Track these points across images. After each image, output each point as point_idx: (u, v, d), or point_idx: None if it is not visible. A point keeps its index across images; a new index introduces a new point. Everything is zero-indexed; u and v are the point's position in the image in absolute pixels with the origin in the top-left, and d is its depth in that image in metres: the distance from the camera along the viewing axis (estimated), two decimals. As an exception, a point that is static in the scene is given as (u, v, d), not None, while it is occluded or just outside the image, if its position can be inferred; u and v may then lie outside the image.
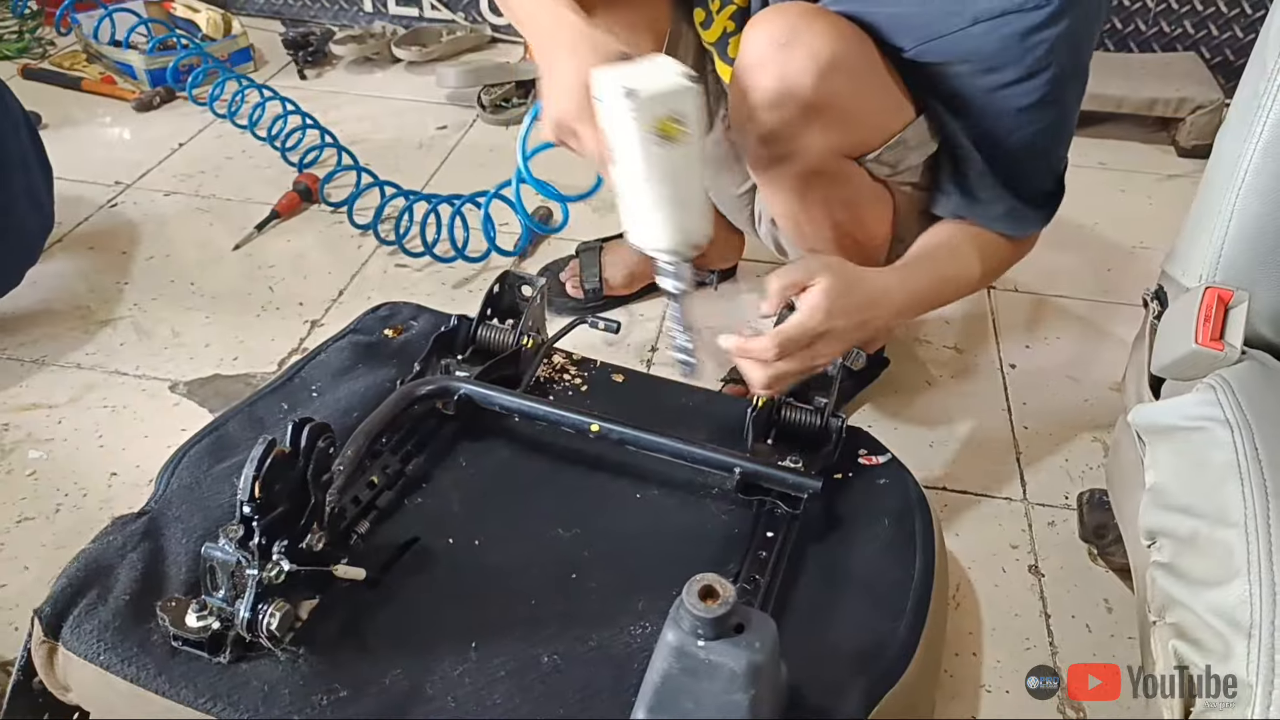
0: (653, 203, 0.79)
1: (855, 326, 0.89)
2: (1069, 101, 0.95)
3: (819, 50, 0.89)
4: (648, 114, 0.74)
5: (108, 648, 0.70)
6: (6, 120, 1.30)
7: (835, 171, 0.98)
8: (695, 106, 0.76)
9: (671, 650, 0.63)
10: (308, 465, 0.70)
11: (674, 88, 0.75)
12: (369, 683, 0.70)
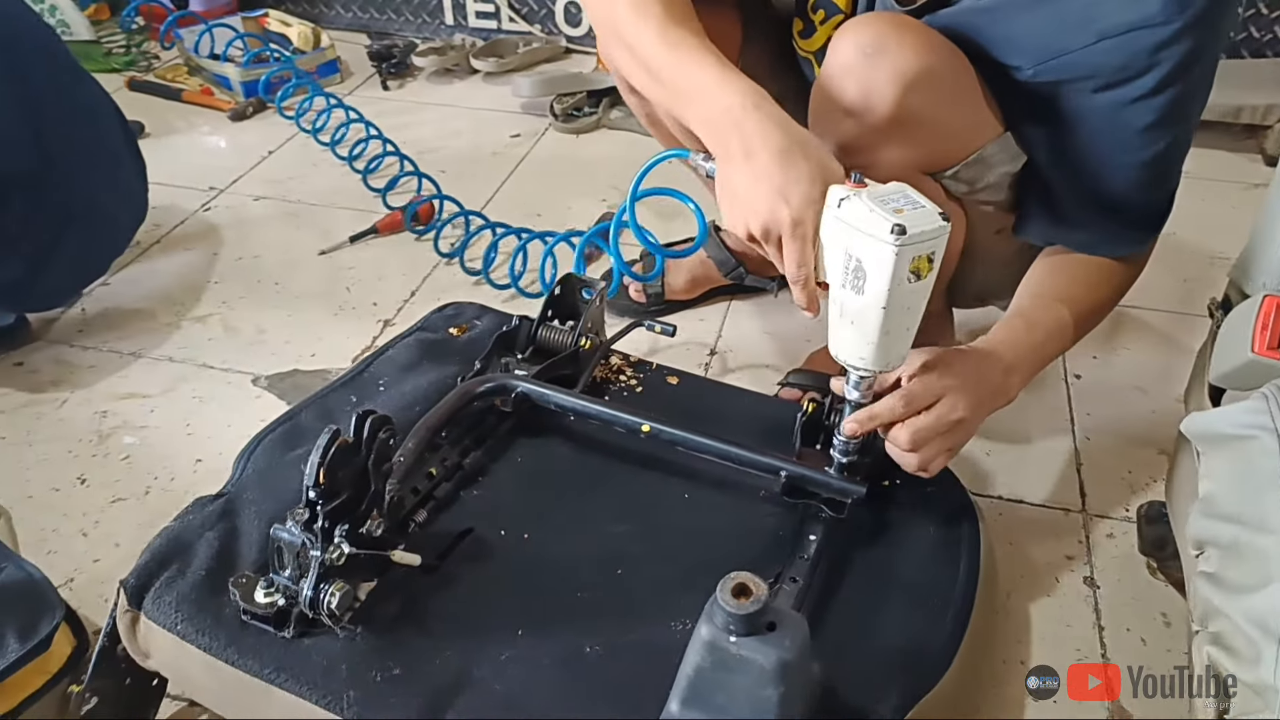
0: (880, 329, 0.77)
1: (974, 381, 0.87)
2: (1192, 117, 0.93)
3: (906, 63, 0.89)
4: (910, 254, 0.73)
5: (184, 618, 0.75)
6: (98, 116, 1.39)
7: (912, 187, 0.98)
8: (944, 243, 0.75)
9: (704, 645, 0.65)
10: (369, 455, 0.75)
11: (934, 230, 0.73)
12: (421, 662, 0.74)
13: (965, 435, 0.87)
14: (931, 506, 0.92)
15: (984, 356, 0.91)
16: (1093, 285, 1.00)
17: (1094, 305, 1.00)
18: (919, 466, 0.86)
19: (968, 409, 0.85)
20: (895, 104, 0.89)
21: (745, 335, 1.39)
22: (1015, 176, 1.00)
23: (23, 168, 1.21)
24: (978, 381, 0.88)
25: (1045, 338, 0.95)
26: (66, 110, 1.29)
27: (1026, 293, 1.00)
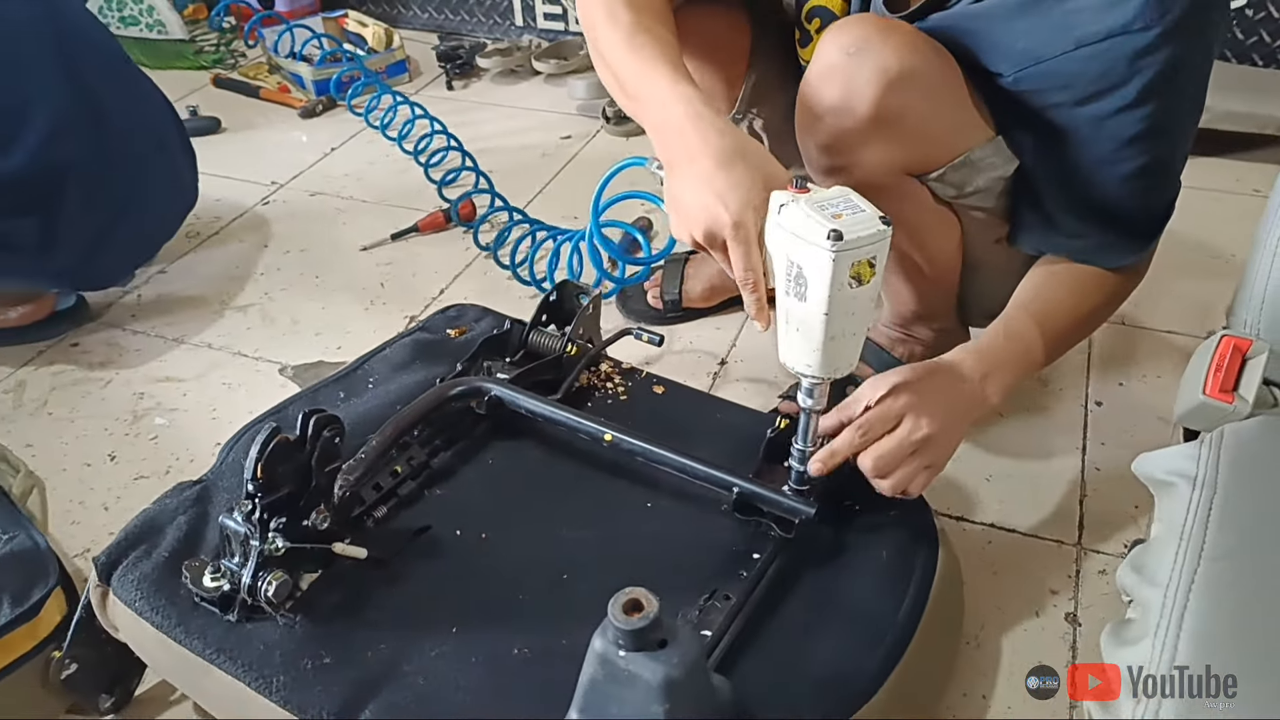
0: (824, 336, 0.77)
1: (937, 395, 0.86)
2: (1183, 127, 0.90)
3: (888, 63, 0.88)
4: (847, 260, 0.73)
5: (142, 596, 0.81)
6: (151, 109, 1.48)
7: (894, 188, 0.97)
8: (886, 249, 0.75)
9: (597, 657, 0.66)
10: (313, 452, 0.78)
11: (874, 235, 0.73)
12: (352, 653, 0.78)
13: (941, 450, 0.86)
14: (891, 532, 0.91)
15: (950, 368, 0.89)
16: (1084, 294, 0.97)
17: (1084, 314, 0.98)
18: (894, 490, 0.86)
19: (934, 425, 0.84)
20: (876, 103, 0.89)
21: (757, 347, 1.39)
22: (1008, 182, 0.97)
23: (82, 159, 1.31)
24: (943, 394, 0.86)
25: (1026, 346, 0.93)
26: (122, 104, 1.39)
27: (1014, 300, 0.98)
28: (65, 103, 1.28)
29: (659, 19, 0.90)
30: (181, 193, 1.52)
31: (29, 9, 1.30)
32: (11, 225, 1.28)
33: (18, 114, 1.25)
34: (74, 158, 1.30)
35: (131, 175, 1.39)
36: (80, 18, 1.41)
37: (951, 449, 0.89)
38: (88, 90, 1.32)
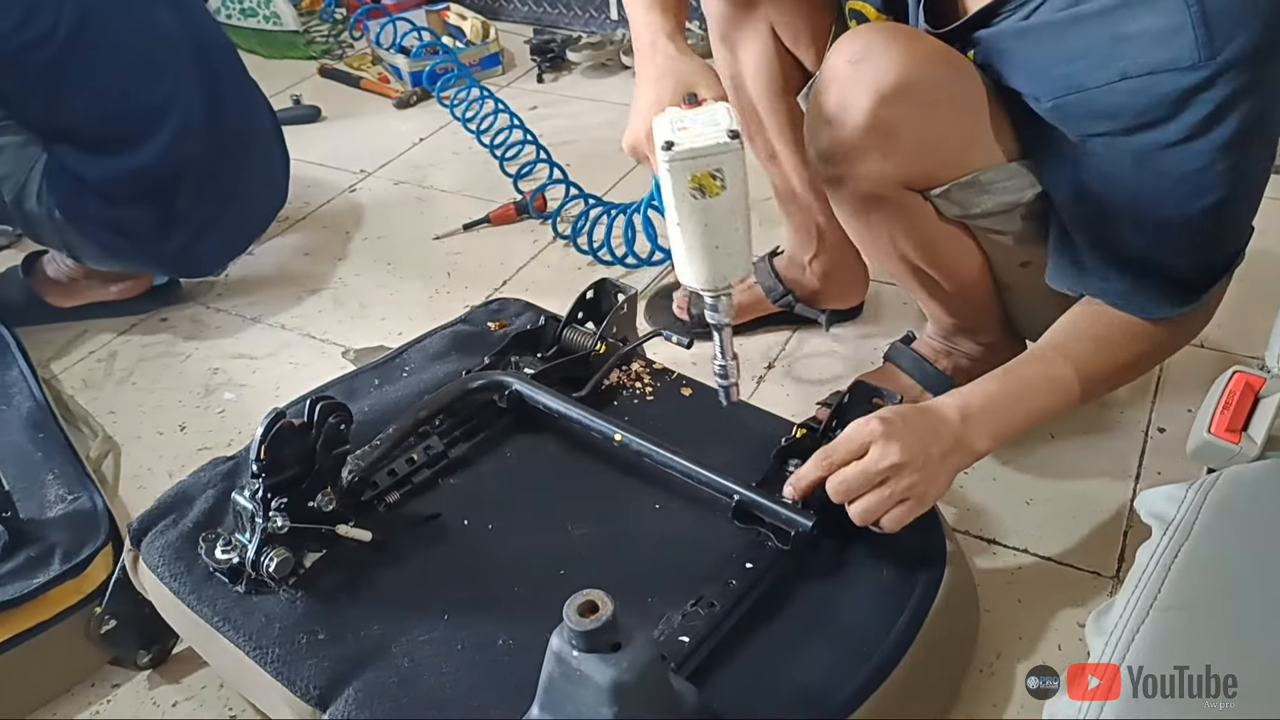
0: (687, 247, 0.80)
1: (909, 430, 0.83)
2: (1244, 172, 0.83)
3: (886, 73, 0.86)
4: (683, 170, 0.75)
5: (165, 563, 0.86)
6: (259, 113, 1.57)
7: (896, 200, 0.95)
8: (736, 163, 0.75)
9: (553, 655, 0.67)
10: (318, 437, 0.82)
11: (712, 147, 0.74)
12: (345, 631, 0.81)
13: (914, 484, 0.82)
14: (897, 551, 0.88)
15: (933, 408, 0.87)
16: (1114, 345, 0.91)
17: (1112, 366, 0.92)
18: (862, 518, 0.83)
19: (903, 455, 0.81)
20: (870, 114, 0.87)
21: (807, 353, 1.37)
22: (1032, 208, 0.93)
23: (199, 158, 1.42)
24: (916, 429, 0.83)
25: (1025, 391, 0.89)
26: (236, 109, 1.50)
27: (1042, 338, 0.93)
28: (195, 106, 1.40)
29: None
30: (275, 192, 1.61)
31: (178, 21, 1.42)
32: (130, 213, 1.39)
33: (155, 114, 1.37)
34: (193, 157, 1.41)
35: (236, 174, 1.49)
36: (213, 29, 1.52)
37: (930, 484, 0.84)
38: (214, 96, 1.43)
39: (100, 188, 1.37)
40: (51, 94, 1.33)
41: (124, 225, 1.40)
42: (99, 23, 1.33)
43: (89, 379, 1.42)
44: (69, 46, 1.30)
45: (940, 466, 0.84)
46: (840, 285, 1.34)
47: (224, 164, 1.47)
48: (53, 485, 1.08)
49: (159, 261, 1.47)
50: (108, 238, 1.41)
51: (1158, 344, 0.92)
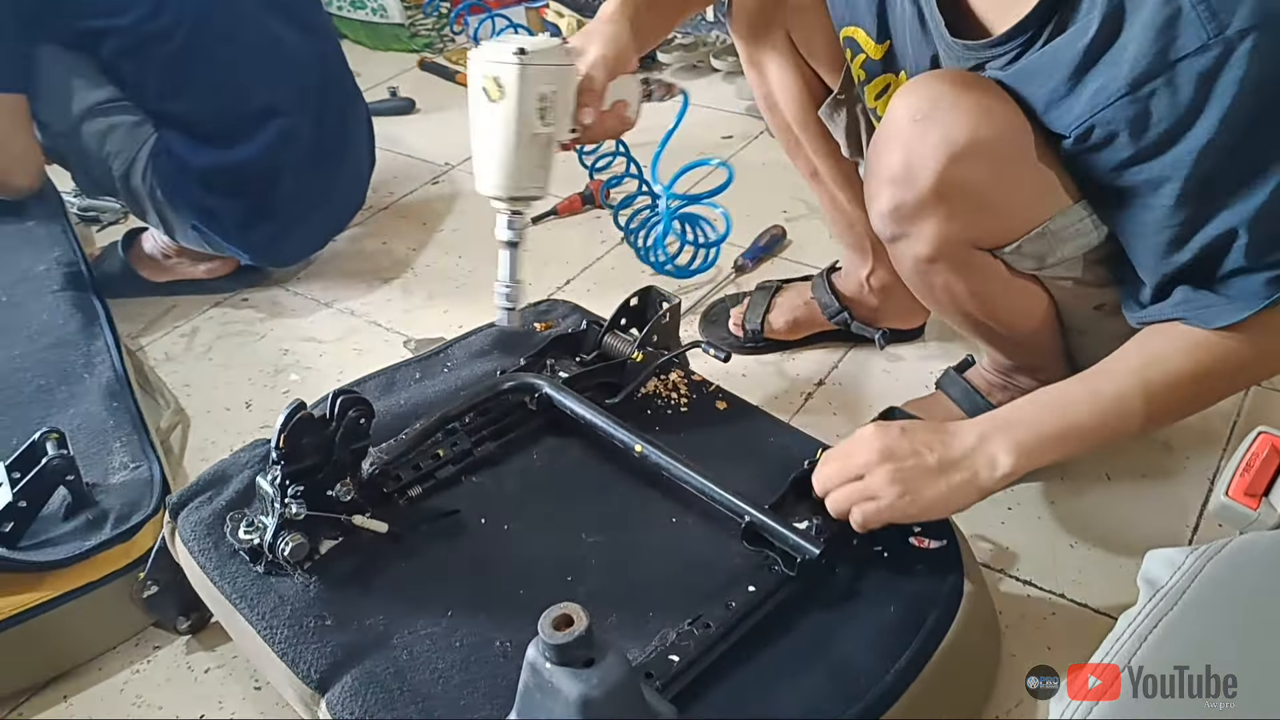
0: (478, 151, 0.93)
1: (908, 435, 0.84)
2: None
3: (955, 132, 0.82)
4: (478, 69, 0.89)
5: (195, 538, 0.91)
6: (359, 118, 1.65)
7: (961, 260, 0.91)
8: (515, 78, 0.87)
9: (528, 664, 0.68)
10: (337, 430, 0.85)
11: (500, 57, 0.88)
12: (352, 618, 0.84)
13: (884, 485, 0.83)
14: (909, 586, 0.86)
15: (947, 425, 0.86)
16: (1169, 359, 0.83)
17: (1167, 382, 0.83)
18: (833, 511, 0.86)
19: (880, 455, 0.83)
20: (939, 175, 0.83)
21: (857, 375, 1.34)
22: (1101, 250, 0.88)
23: (296, 160, 1.50)
24: (913, 437, 0.84)
25: (1064, 405, 0.85)
26: (339, 118, 1.59)
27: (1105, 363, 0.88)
28: (299, 114, 1.49)
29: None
30: (358, 194, 1.69)
31: (298, 35, 1.51)
32: (223, 203, 1.48)
33: (261, 116, 1.46)
34: (290, 159, 1.49)
35: (328, 178, 1.58)
36: (329, 42, 1.62)
37: (913, 490, 0.83)
38: (319, 105, 1.53)
39: (200, 175, 1.45)
40: (167, 84, 1.42)
41: (216, 212, 1.48)
42: (220, 27, 1.43)
43: (170, 352, 1.50)
44: (188, 44, 1.40)
45: (934, 477, 0.83)
46: (900, 304, 1.30)
47: (318, 168, 1.55)
48: (118, 453, 1.15)
49: (244, 248, 1.55)
50: (200, 221, 1.49)
51: (1224, 358, 0.82)
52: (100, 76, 1.44)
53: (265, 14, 1.49)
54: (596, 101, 0.94)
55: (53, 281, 1.47)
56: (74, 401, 1.24)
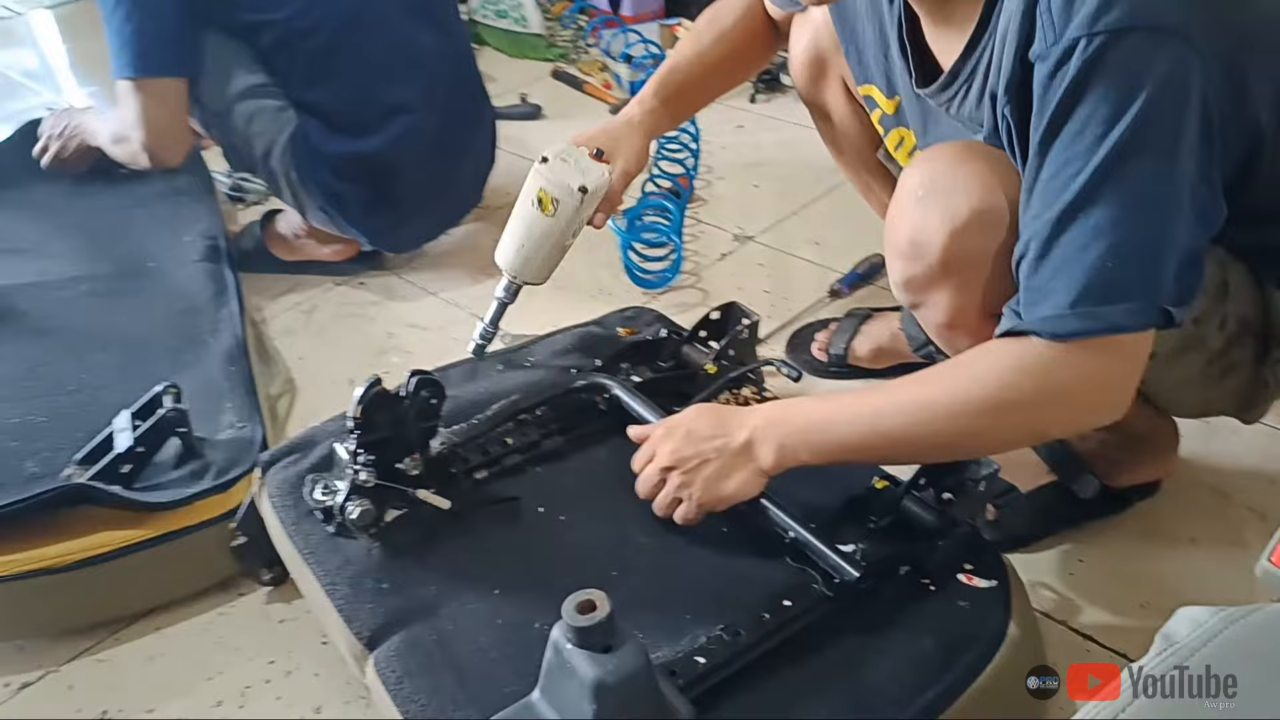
0: (511, 233, 1.09)
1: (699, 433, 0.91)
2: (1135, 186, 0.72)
3: (955, 208, 0.84)
4: (541, 181, 1.04)
5: (279, 495, 0.98)
6: (484, 120, 1.74)
7: (979, 326, 0.90)
8: (570, 209, 1.05)
9: (552, 643, 0.71)
10: (411, 407, 0.91)
11: (562, 185, 1.04)
12: (406, 586, 0.89)
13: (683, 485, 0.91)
14: (948, 623, 0.85)
15: (729, 412, 0.94)
16: (928, 380, 0.84)
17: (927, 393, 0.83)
18: (659, 513, 0.95)
19: (669, 459, 0.92)
20: (944, 250, 0.85)
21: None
22: None
23: (421, 154, 1.60)
24: (695, 431, 0.92)
25: (826, 416, 0.89)
26: (464, 118, 1.69)
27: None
28: (428, 112, 1.59)
29: (701, 39, 1.17)
30: (475, 192, 1.79)
31: (435, 39, 1.62)
32: (349, 189, 1.59)
33: (391, 112, 1.57)
34: (414, 153, 1.59)
35: (448, 174, 1.68)
36: (462, 46, 1.72)
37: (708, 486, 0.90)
38: (447, 106, 1.63)
39: (331, 161, 1.56)
40: (312, 75, 1.55)
41: (342, 196, 1.59)
42: (363, 27, 1.54)
43: (290, 326, 1.61)
44: (333, 40, 1.52)
45: (724, 469, 0.90)
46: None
47: (439, 163, 1.64)
48: (228, 412, 1.25)
49: (364, 232, 1.65)
50: (327, 204, 1.60)
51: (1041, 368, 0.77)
52: (254, 64, 1.57)
53: (405, 17, 1.60)
54: (610, 212, 1.11)
55: (194, 252, 1.61)
56: (197, 363, 1.36)
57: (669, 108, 1.16)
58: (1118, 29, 0.69)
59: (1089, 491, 1.08)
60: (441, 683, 0.81)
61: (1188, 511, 1.12)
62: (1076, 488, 1.08)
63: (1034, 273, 0.76)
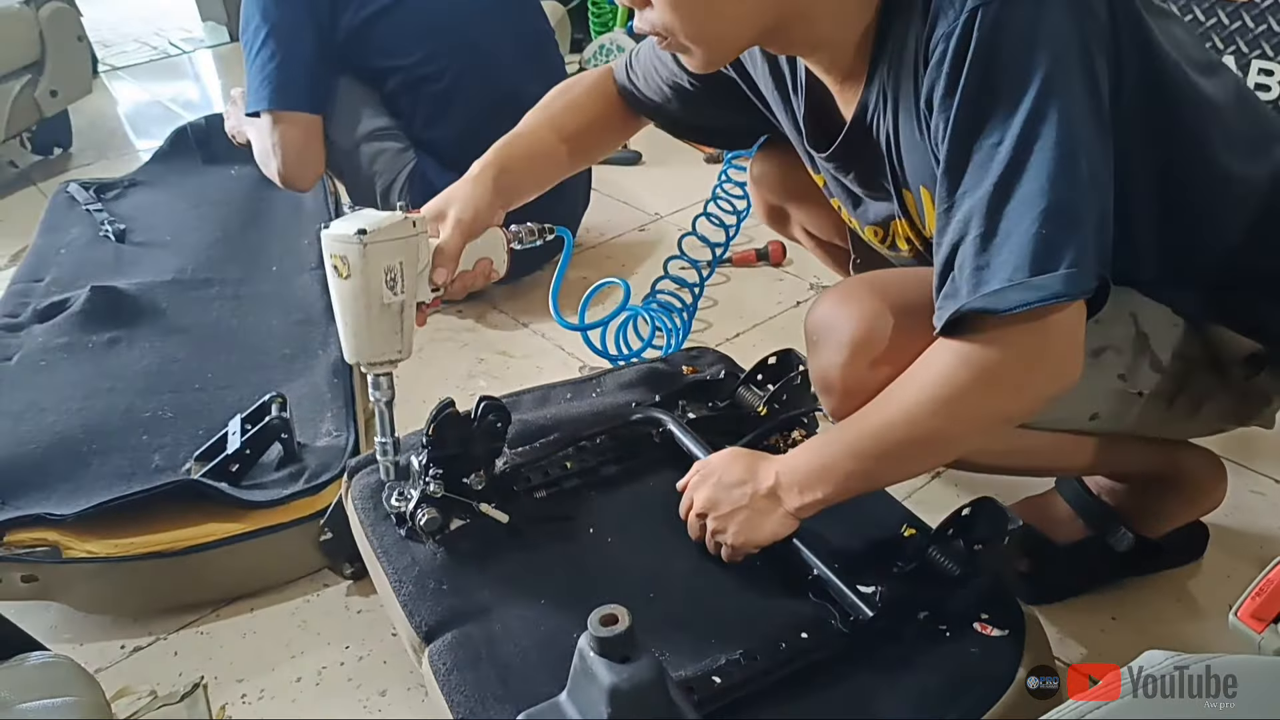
0: (338, 320, 0.99)
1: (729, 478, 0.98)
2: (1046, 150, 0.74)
3: (840, 346, 0.92)
4: (326, 246, 0.94)
5: (361, 498, 1.10)
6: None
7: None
8: (358, 257, 0.92)
9: (578, 650, 0.80)
10: (477, 428, 1.01)
11: (343, 236, 0.92)
12: (464, 589, 0.99)
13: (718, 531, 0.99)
14: (955, 666, 0.90)
15: (757, 457, 1.00)
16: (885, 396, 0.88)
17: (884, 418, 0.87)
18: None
19: (703, 505, 1.00)
20: (842, 385, 0.93)
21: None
22: None
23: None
24: (725, 478, 0.99)
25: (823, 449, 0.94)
26: None
27: None
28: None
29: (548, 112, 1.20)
30: (570, 228, 1.89)
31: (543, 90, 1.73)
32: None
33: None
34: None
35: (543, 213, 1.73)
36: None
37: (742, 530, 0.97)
38: None
39: (442, 197, 1.71)
40: (431, 116, 1.71)
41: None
42: (480, 75, 1.71)
43: (391, 346, 1.75)
44: (452, 85, 1.70)
45: (756, 513, 0.96)
46: None
47: (536, 203, 1.76)
48: (328, 421, 1.39)
49: None
50: (436, 236, 1.75)
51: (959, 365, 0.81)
52: (381, 107, 1.74)
53: (516, 67, 1.75)
54: (451, 264, 1.03)
55: (311, 258, 1.77)
56: (307, 372, 1.51)
57: (506, 169, 1.14)
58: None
59: (1123, 545, 1.10)
60: (485, 677, 0.91)
61: (1227, 579, 1.13)
62: (1112, 542, 1.10)
63: (981, 250, 0.77)
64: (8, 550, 1.12)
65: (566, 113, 1.20)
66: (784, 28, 0.87)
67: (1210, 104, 0.86)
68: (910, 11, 0.81)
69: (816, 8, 0.86)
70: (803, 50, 0.93)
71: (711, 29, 0.87)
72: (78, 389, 1.41)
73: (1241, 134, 0.89)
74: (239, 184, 2.05)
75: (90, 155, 2.63)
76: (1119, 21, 0.77)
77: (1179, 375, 0.96)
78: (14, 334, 1.56)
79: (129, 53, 3.51)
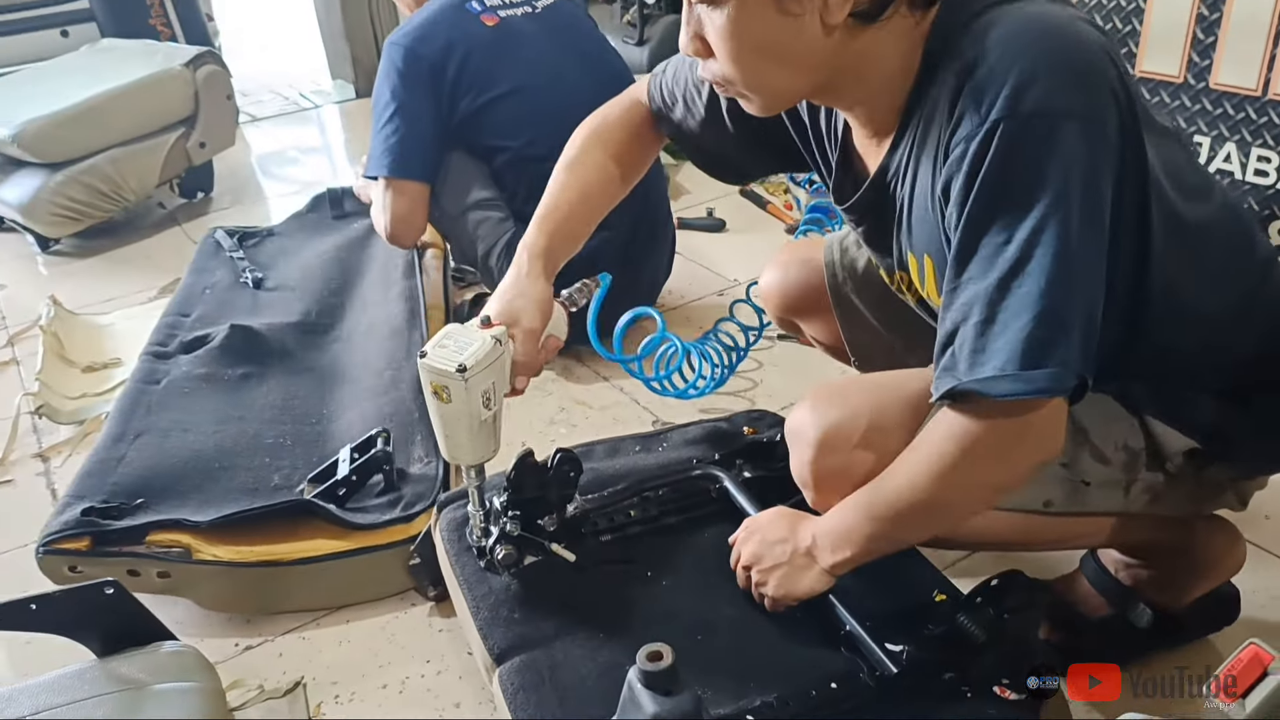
0: (438, 430, 1.07)
1: (772, 535, 1.09)
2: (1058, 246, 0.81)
3: (808, 443, 1.04)
4: (426, 374, 1.02)
5: (448, 530, 1.24)
6: (664, 233, 2.04)
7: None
8: (460, 389, 1.00)
9: (627, 681, 0.91)
10: (552, 476, 1.15)
11: (445, 371, 0.99)
12: (532, 619, 1.12)
13: (760, 584, 1.10)
14: (983, 723, 0.98)
15: (798, 517, 1.10)
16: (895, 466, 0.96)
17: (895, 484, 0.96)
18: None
19: (747, 559, 1.11)
20: (814, 479, 1.05)
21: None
22: None
23: (612, 258, 1.85)
24: (768, 535, 1.10)
25: (848, 514, 1.01)
26: (651, 231, 2.01)
27: None
28: (618, 230, 1.83)
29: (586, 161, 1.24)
30: (652, 294, 2.08)
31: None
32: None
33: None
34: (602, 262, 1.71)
35: (629, 279, 1.92)
36: (659, 178, 2.06)
37: (784, 582, 1.08)
38: (638, 220, 1.94)
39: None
40: (533, 192, 1.84)
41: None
42: None
43: (482, 391, 1.91)
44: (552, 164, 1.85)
45: (795, 569, 1.06)
46: None
47: (623, 270, 1.90)
48: (419, 445, 1.54)
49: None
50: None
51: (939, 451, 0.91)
52: (488, 180, 1.93)
53: None
54: (532, 373, 1.11)
55: (395, 273, 1.98)
56: (392, 388, 1.67)
57: (559, 237, 1.19)
58: (1033, 113, 0.81)
59: (1143, 621, 1.15)
60: (546, 699, 1.03)
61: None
62: (1132, 618, 1.16)
63: (980, 335, 0.85)
64: (149, 549, 1.30)
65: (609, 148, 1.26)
66: (835, 84, 0.95)
67: (1188, 231, 0.92)
68: (941, 88, 0.88)
69: (868, 68, 0.92)
70: (847, 104, 1.00)
71: (770, 82, 0.93)
72: (214, 415, 1.61)
73: (1213, 264, 0.96)
74: (356, 235, 2.27)
75: (228, 200, 2.90)
76: (1126, 142, 0.86)
77: (1127, 466, 1.02)
78: (163, 361, 1.79)
79: (264, 103, 3.83)
